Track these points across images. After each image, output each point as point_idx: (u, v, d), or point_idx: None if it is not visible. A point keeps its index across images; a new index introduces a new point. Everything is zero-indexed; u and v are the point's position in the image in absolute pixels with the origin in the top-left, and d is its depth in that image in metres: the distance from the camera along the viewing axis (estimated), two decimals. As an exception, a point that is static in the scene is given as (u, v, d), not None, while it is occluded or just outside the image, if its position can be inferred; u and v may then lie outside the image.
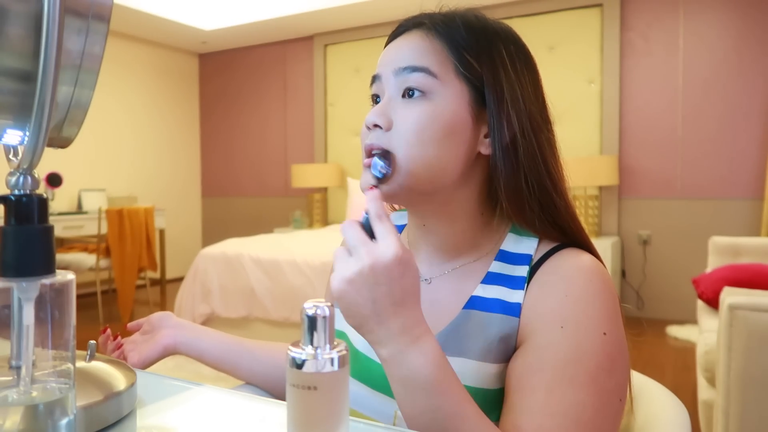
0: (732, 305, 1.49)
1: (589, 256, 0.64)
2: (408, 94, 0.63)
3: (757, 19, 3.72)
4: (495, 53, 0.64)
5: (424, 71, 0.62)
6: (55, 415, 0.40)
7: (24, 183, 0.38)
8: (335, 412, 0.41)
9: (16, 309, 0.38)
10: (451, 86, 0.63)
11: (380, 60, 0.67)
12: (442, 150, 0.62)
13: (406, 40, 0.65)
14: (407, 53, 0.64)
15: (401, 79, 0.63)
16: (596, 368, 0.55)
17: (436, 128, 0.61)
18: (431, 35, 0.64)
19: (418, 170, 0.61)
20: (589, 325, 0.57)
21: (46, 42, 0.35)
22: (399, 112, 0.62)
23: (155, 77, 5.70)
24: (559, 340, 0.57)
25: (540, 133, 0.66)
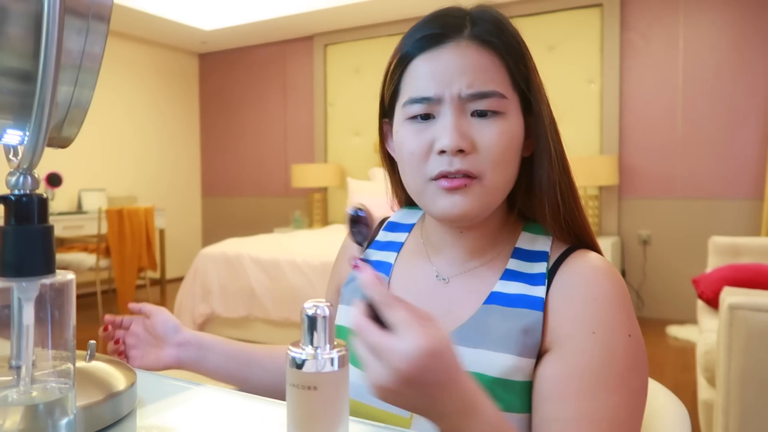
0: (732, 305, 1.49)
1: (604, 258, 0.66)
2: (479, 114, 0.61)
3: (758, 18, 3.72)
4: (528, 57, 0.65)
5: (496, 95, 0.61)
6: (55, 415, 0.40)
7: (24, 183, 0.38)
8: (335, 412, 0.41)
9: (16, 309, 0.38)
10: (513, 100, 0.63)
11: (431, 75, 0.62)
12: (515, 165, 0.64)
13: (461, 55, 0.61)
14: (470, 76, 0.61)
15: (468, 102, 0.61)
16: (626, 370, 0.57)
17: (514, 146, 0.63)
18: (487, 48, 0.62)
19: (501, 190, 0.63)
20: (616, 328, 0.59)
21: (46, 42, 0.35)
22: (478, 133, 0.61)
23: (155, 77, 5.70)
24: (593, 346, 0.58)
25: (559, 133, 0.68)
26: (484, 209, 0.63)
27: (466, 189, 0.61)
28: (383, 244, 0.79)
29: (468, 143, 0.60)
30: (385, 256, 0.77)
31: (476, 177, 0.61)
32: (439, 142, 0.60)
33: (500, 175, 0.62)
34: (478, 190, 0.61)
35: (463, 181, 0.60)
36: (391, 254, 0.76)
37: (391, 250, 0.77)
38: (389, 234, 0.80)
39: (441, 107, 0.61)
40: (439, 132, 0.61)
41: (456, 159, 0.60)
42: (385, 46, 4.89)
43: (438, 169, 0.61)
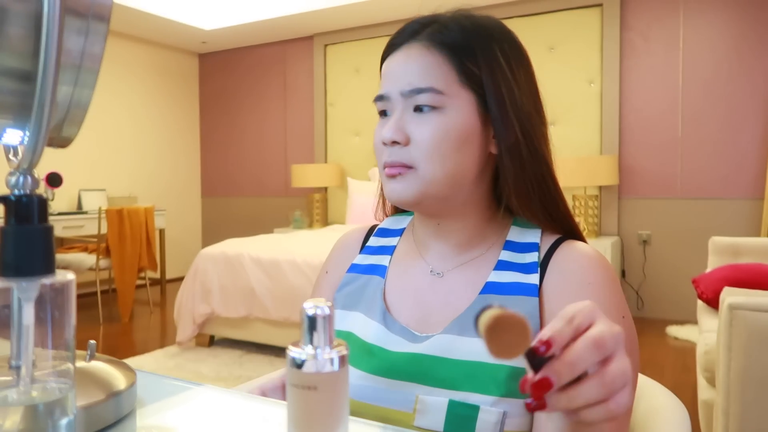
0: (732, 305, 1.49)
1: (592, 246, 0.69)
2: (419, 109, 0.66)
3: (758, 18, 3.72)
4: (491, 56, 0.67)
5: (431, 90, 0.65)
6: (55, 415, 0.40)
7: (24, 183, 0.38)
8: (335, 412, 0.41)
9: (16, 309, 0.38)
10: (458, 97, 0.66)
11: (384, 76, 0.70)
12: (459, 158, 0.66)
13: (408, 56, 0.67)
14: (411, 73, 0.66)
15: (409, 99, 0.66)
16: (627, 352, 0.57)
17: (451, 140, 0.65)
18: (431, 49, 0.66)
19: (439, 180, 0.66)
20: (612, 310, 0.62)
21: (46, 42, 0.35)
22: (414, 128, 0.66)
23: (155, 77, 5.70)
24: None
25: (538, 128, 0.69)
26: (424, 197, 0.67)
27: (401, 177, 0.67)
28: (375, 249, 0.81)
29: (402, 136, 0.66)
30: (378, 259, 0.79)
31: (411, 167, 0.66)
32: (380, 135, 0.68)
33: (436, 166, 0.65)
34: (412, 178, 0.66)
35: (398, 169, 0.67)
36: (384, 257, 0.79)
37: (384, 253, 0.79)
38: (381, 239, 0.82)
39: (392, 104, 0.68)
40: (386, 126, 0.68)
41: (393, 150, 0.67)
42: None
43: (383, 159, 0.68)
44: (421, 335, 0.68)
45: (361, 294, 0.76)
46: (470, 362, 0.63)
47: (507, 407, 0.60)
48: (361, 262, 0.80)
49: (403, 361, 0.66)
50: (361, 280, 0.77)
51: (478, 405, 0.61)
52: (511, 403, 0.60)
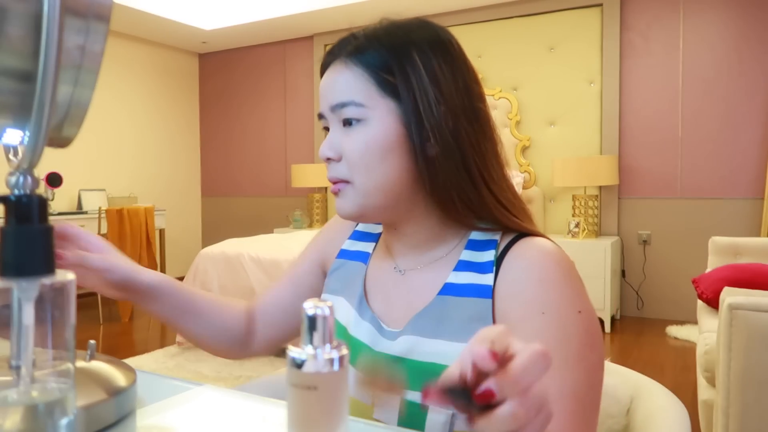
0: (732, 305, 1.49)
1: (550, 242, 0.67)
2: (348, 123, 0.67)
3: (758, 18, 3.72)
4: (407, 61, 0.66)
5: (352, 104, 0.66)
6: (55, 415, 0.40)
7: (24, 183, 0.38)
8: (335, 412, 0.41)
9: (16, 309, 0.38)
10: (379, 108, 0.66)
11: (320, 95, 0.72)
12: (385, 168, 0.66)
13: (331, 75, 0.69)
14: (335, 89, 0.68)
15: (336, 113, 0.68)
16: (581, 346, 0.59)
17: (374, 150, 0.66)
18: (349, 66, 0.68)
19: (371, 191, 0.67)
20: (566, 306, 0.60)
21: (46, 42, 0.35)
22: (343, 143, 0.68)
23: (155, 77, 5.70)
24: (545, 327, 0.59)
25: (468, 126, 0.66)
26: (364, 208, 0.68)
27: (342, 192, 0.69)
28: (363, 235, 0.83)
29: (334, 152, 0.68)
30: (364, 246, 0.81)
31: (348, 182, 0.68)
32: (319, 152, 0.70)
33: (367, 177, 0.66)
34: (350, 192, 0.68)
35: (337, 186, 0.69)
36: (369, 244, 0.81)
37: (369, 240, 0.81)
38: (356, 243, 0.83)
39: (327, 120, 0.70)
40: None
41: (331, 166, 0.69)
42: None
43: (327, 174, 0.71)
44: (387, 329, 0.70)
45: (348, 278, 0.78)
46: (426, 363, 0.64)
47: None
48: (350, 248, 0.82)
49: (368, 357, 0.69)
50: (347, 266, 0.80)
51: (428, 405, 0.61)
52: None
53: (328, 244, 0.86)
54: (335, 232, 0.87)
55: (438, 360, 0.63)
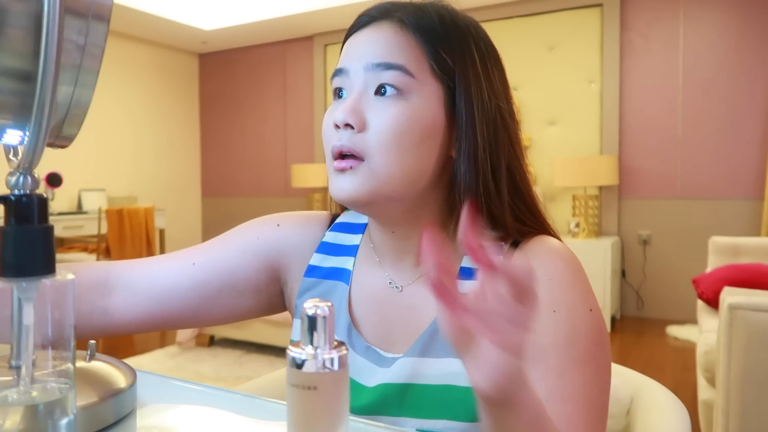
0: (732, 305, 1.49)
1: (557, 240, 0.63)
2: (381, 91, 0.58)
3: (758, 18, 3.72)
4: (467, 51, 0.61)
5: (401, 69, 0.58)
6: (55, 415, 0.40)
7: (24, 183, 0.38)
8: (335, 412, 0.41)
9: (16, 309, 0.38)
10: (427, 85, 0.59)
11: (346, 51, 0.62)
12: (419, 155, 0.59)
13: (378, 32, 0.60)
14: (380, 48, 0.59)
15: (373, 75, 0.58)
16: (592, 345, 0.56)
17: (414, 132, 0.58)
18: (405, 29, 0.59)
19: (395, 177, 0.58)
20: (577, 304, 0.57)
21: (46, 42, 0.35)
22: (373, 112, 0.58)
23: (155, 77, 5.70)
24: (555, 325, 0.56)
25: (508, 132, 0.63)
26: (374, 196, 0.58)
27: (352, 171, 0.58)
28: (334, 247, 0.71)
29: (358, 119, 0.58)
30: (341, 261, 0.70)
31: (363, 159, 0.58)
32: (333, 116, 0.59)
33: (392, 159, 0.57)
34: (364, 172, 0.57)
35: (348, 162, 0.58)
36: (347, 259, 0.70)
37: (346, 254, 0.70)
38: (339, 235, 0.72)
39: (351, 81, 0.60)
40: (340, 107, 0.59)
41: (345, 134, 0.58)
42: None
43: (331, 143, 0.59)
44: (387, 356, 0.62)
45: None
46: (437, 386, 0.58)
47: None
48: (320, 264, 0.70)
49: (371, 395, 0.61)
50: (323, 287, 0.69)
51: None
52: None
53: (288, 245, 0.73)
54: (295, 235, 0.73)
55: (452, 381, 0.57)
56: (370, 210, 0.62)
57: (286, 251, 0.72)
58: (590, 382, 0.55)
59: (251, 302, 0.72)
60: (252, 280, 0.71)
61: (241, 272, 0.71)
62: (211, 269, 0.70)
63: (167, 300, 0.69)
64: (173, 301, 0.69)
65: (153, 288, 0.69)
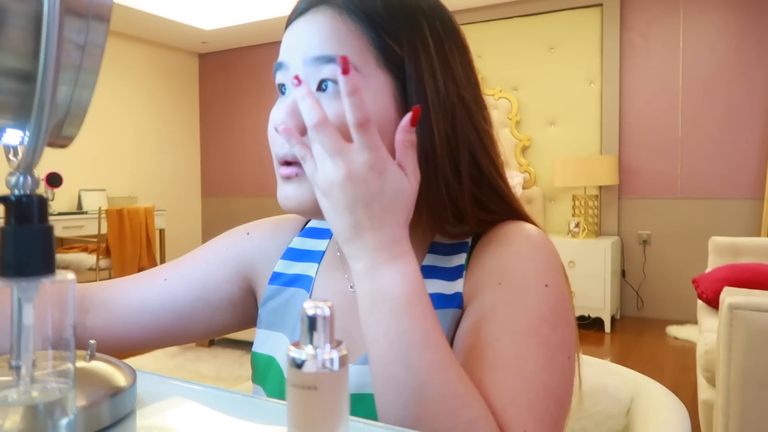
0: (732, 305, 1.49)
1: (526, 224, 0.59)
2: (322, 87, 0.53)
3: (758, 18, 3.72)
4: (417, 35, 0.54)
5: None
6: (55, 415, 0.40)
7: (24, 183, 0.38)
8: (335, 412, 0.41)
9: (16, 309, 0.38)
10: (373, 78, 0.53)
11: (286, 42, 0.57)
12: None
13: (315, 20, 0.54)
14: (318, 38, 0.53)
15: (312, 69, 0.53)
16: (539, 320, 0.51)
17: None
18: (344, 15, 0.53)
19: None
20: (528, 277, 0.53)
21: (46, 42, 0.35)
22: None
23: (155, 77, 5.70)
24: (498, 296, 0.52)
25: (472, 120, 0.57)
26: None
27: (298, 178, 0.54)
28: (299, 253, 0.68)
29: (299, 121, 0.52)
30: (304, 268, 0.66)
31: None
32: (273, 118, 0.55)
33: None
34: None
35: (294, 169, 0.54)
36: (311, 266, 0.66)
37: (310, 260, 0.67)
38: (306, 241, 0.69)
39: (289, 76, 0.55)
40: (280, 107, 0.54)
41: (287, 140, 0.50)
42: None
43: (275, 149, 0.55)
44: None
45: (285, 311, 0.64)
46: None
47: None
48: (284, 271, 0.67)
49: None
50: (285, 295, 0.65)
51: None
52: None
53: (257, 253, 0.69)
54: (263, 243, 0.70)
55: None
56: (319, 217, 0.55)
57: (255, 260, 0.69)
58: (527, 356, 0.49)
59: (228, 316, 0.69)
60: (224, 292, 0.68)
61: (212, 284, 0.67)
62: (182, 284, 0.67)
63: (140, 318, 0.66)
64: (147, 318, 0.66)
65: (126, 306, 0.67)
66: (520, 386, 0.47)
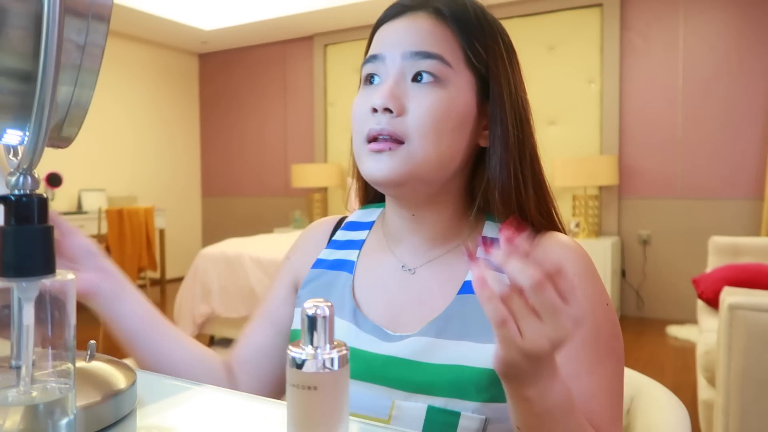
0: (732, 305, 1.49)
1: (569, 237, 0.67)
2: (418, 78, 0.61)
3: (758, 18, 3.72)
4: (496, 44, 0.65)
5: (439, 58, 0.61)
6: (55, 415, 0.40)
7: (24, 183, 0.38)
8: (335, 412, 0.41)
9: (16, 309, 0.38)
10: (462, 75, 0.63)
11: (382, 38, 0.65)
12: (453, 140, 0.62)
13: (415, 21, 0.63)
14: (418, 37, 0.62)
15: (411, 62, 0.61)
16: (610, 337, 0.60)
17: (451, 118, 0.61)
18: (442, 20, 0.63)
19: (431, 160, 0.61)
20: (596, 300, 0.61)
21: (46, 42, 0.35)
22: (412, 98, 0.61)
23: (155, 77, 5.70)
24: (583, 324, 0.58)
25: (530, 126, 0.67)
26: (411, 177, 0.61)
27: (390, 152, 0.61)
28: (342, 243, 0.76)
29: (397, 104, 0.60)
30: (346, 254, 0.74)
31: (402, 141, 0.61)
32: (371, 100, 0.62)
33: (430, 143, 0.60)
34: (402, 154, 0.60)
35: (387, 144, 0.61)
36: (352, 252, 0.74)
37: (351, 248, 0.75)
38: (348, 233, 0.77)
39: (386, 67, 0.63)
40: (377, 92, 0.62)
41: (384, 117, 0.60)
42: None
43: (368, 127, 0.62)
44: (395, 335, 0.64)
45: (328, 291, 0.71)
46: (451, 366, 0.59)
47: (489, 413, 0.58)
48: (328, 257, 0.75)
49: (377, 363, 0.62)
50: (327, 276, 0.73)
51: (459, 411, 0.58)
52: (494, 409, 0.58)
53: (300, 261, 0.78)
54: (307, 247, 0.79)
55: (464, 362, 0.59)
56: (401, 190, 0.64)
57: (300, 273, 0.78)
58: (612, 375, 0.59)
59: None
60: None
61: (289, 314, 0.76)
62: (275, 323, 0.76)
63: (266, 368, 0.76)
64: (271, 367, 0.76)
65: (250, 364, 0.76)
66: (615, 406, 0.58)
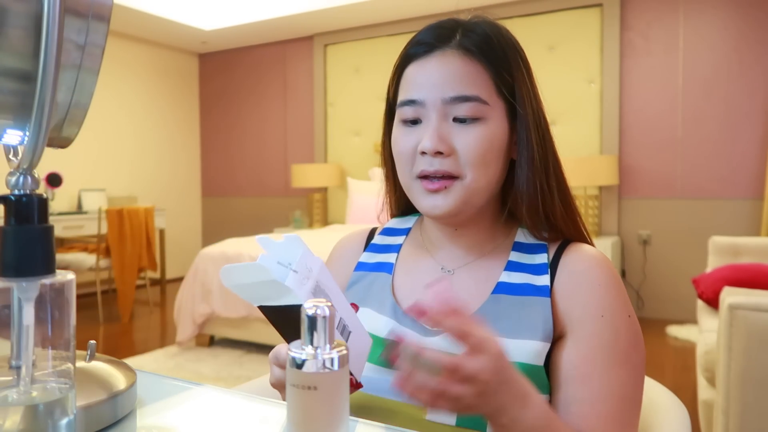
0: (732, 305, 1.49)
1: (596, 249, 0.71)
2: (459, 119, 0.66)
3: (758, 18, 3.72)
4: (517, 66, 0.69)
5: (477, 100, 0.66)
6: (55, 415, 0.40)
7: (24, 183, 0.38)
8: (335, 412, 0.41)
9: (16, 309, 0.38)
10: (496, 107, 0.67)
11: (416, 81, 0.68)
12: (498, 166, 0.68)
13: (446, 63, 0.67)
14: (454, 80, 0.66)
15: (451, 106, 0.66)
16: (628, 347, 0.64)
17: (494, 147, 0.67)
18: (471, 57, 0.67)
19: (482, 188, 0.67)
20: (619, 310, 0.65)
21: (46, 42, 0.35)
22: (457, 137, 0.66)
23: (155, 77, 5.70)
24: (602, 329, 0.64)
25: (551, 138, 0.72)
26: (465, 206, 0.68)
27: (446, 190, 0.67)
28: (381, 247, 0.82)
29: (446, 146, 0.66)
30: (385, 257, 0.80)
31: (456, 177, 0.67)
32: (421, 144, 0.67)
33: (481, 175, 0.67)
34: (458, 189, 0.67)
35: (443, 183, 0.66)
36: (391, 255, 0.79)
37: (390, 251, 0.80)
38: (386, 238, 0.83)
39: (427, 111, 0.67)
40: (423, 135, 0.67)
41: (436, 160, 0.66)
42: (385, 46, 4.88)
43: (420, 168, 0.68)
44: (433, 329, 0.67)
45: (369, 290, 0.76)
46: None
47: None
48: (368, 260, 0.81)
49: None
50: (368, 278, 0.78)
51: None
52: None
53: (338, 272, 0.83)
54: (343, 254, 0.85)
55: None
56: (455, 219, 0.71)
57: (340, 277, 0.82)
58: (627, 382, 0.62)
59: None
60: None
61: None
62: None
63: None
64: None
65: None
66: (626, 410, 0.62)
